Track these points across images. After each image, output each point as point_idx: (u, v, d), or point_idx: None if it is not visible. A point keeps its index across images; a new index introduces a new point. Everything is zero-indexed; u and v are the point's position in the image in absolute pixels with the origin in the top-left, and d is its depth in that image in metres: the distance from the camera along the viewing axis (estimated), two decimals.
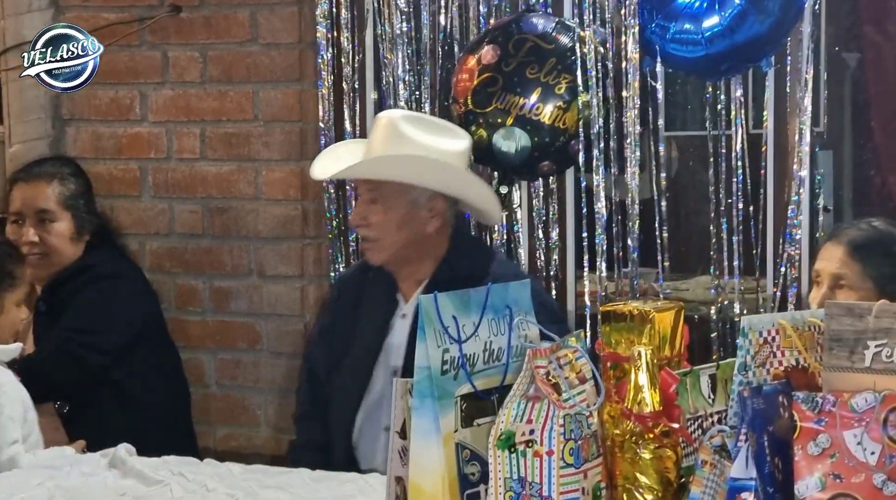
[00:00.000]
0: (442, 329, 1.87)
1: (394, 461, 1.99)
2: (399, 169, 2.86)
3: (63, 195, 3.30)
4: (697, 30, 3.10)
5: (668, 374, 1.87)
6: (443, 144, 2.90)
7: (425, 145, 2.87)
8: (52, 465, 2.68)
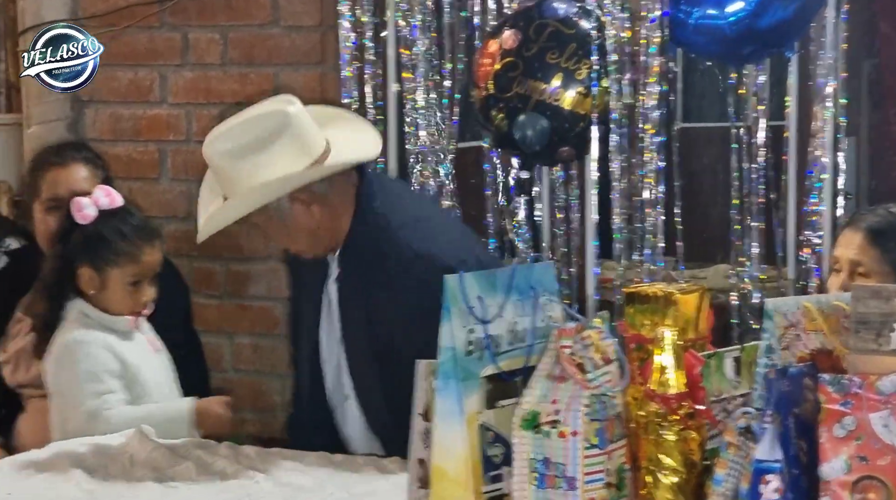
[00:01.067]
0: (467, 310, 1.86)
1: (416, 444, 1.99)
2: (234, 211, 2.72)
3: (100, 178, 3.29)
4: (721, 14, 3.09)
5: (693, 356, 1.86)
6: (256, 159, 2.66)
7: (238, 175, 2.67)
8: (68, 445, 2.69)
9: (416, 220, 2.78)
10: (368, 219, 2.74)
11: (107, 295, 2.85)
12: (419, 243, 2.69)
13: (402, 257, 2.68)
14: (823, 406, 1.63)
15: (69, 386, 2.77)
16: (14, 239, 3.53)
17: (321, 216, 2.73)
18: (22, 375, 3.27)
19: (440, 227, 2.82)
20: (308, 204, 2.71)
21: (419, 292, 2.58)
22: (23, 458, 2.63)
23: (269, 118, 2.67)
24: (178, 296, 3.34)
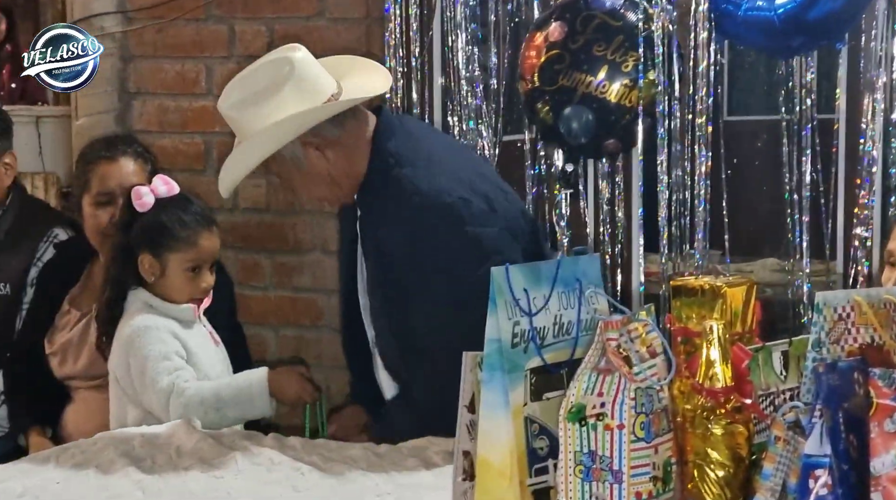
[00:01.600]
0: (513, 302, 1.86)
1: (461, 435, 1.99)
2: (236, 167, 2.75)
3: (148, 172, 3.31)
4: (770, 6, 3.07)
5: (741, 349, 1.85)
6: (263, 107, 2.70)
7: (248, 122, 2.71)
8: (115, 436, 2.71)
9: (425, 159, 2.75)
10: (381, 159, 2.74)
11: (167, 282, 2.88)
12: (421, 181, 2.68)
13: (403, 194, 2.68)
14: (874, 401, 1.61)
15: (141, 370, 2.79)
16: (62, 230, 3.56)
17: (336, 161, 2.74)
18: (70, 367, 3.30)
19: (449, 165, 2.77)
20: (321, 149, 2.73)
21: (414, 227, 2.63)
22: (71, 447, 2.65)
23: (274, 66, 2.70)
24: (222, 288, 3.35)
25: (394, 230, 2.68)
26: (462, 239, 2.62)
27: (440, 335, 2.62)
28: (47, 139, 5.19)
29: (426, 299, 2.66)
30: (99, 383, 3.18)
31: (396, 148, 2.74)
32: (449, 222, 2.63)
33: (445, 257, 2.63)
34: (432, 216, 2.63)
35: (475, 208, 2.65)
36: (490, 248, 2.63)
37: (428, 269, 2.64)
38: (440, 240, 2.63)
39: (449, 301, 2.62)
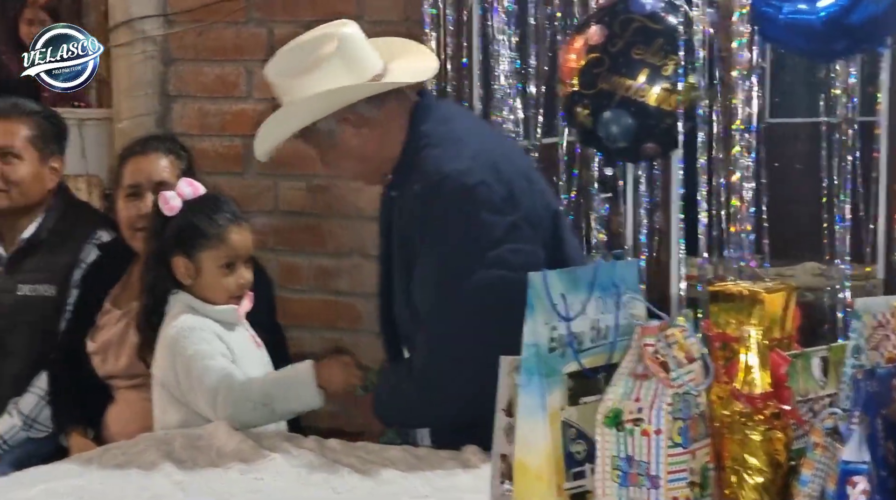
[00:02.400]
0: (550, 307, 1.86)
1: (499, 439, 2.00)
2: (273, 133, 2.78)
3: (180, 168, 3.34)
4: (812, 10, 3.04)
5: (779, 355, 1.84)
6: (308, 78, 2.72)
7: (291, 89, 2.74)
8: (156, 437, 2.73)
9: (454, 140, 2.75)
10: (414, 140, 2.75)
11: (203, 282, 2.89)
12: (445, 161, 2.68)
13: (426, 173, 2.68)
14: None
15: (187, 370, 2.81)
16: (105, 232, 3.59)
17: (370, 139, 2.76)
18: (111, 365, 3.33)
19: (477, 148, 2.74)
20: (358, 126, 2.75)
21: (431, 205, 2.64)
22: (114, 448, 2.67)
23: (323, 39, 2.74)
24: (262, 289, 3.37)
25: (414, 208, 2.69)
26: (475, 223, 2.62)
27: (440, 312, 2.64)
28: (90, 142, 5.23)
29: (431, 275, 2.67)
30: (140, 381, 3.21)
31: (428, 130, 2.75)
32: (465, 205, 2.63)
33: (453, 236, 2.63)
34: (450, 197, 2.63)
35: (495, 194, 2.64)
36: (500, 236, 2.62)
37: (437, 246, 2.65)
38: (453, 220, 2.63)
39: (451, 281, 2.62)
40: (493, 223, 2.62)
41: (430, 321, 2.67)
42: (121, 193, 3.34)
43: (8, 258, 3.61)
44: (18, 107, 3.59)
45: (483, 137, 2.89)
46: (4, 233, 3.64)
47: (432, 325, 2.67)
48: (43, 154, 3.59)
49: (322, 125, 2.75)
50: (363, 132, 2.75)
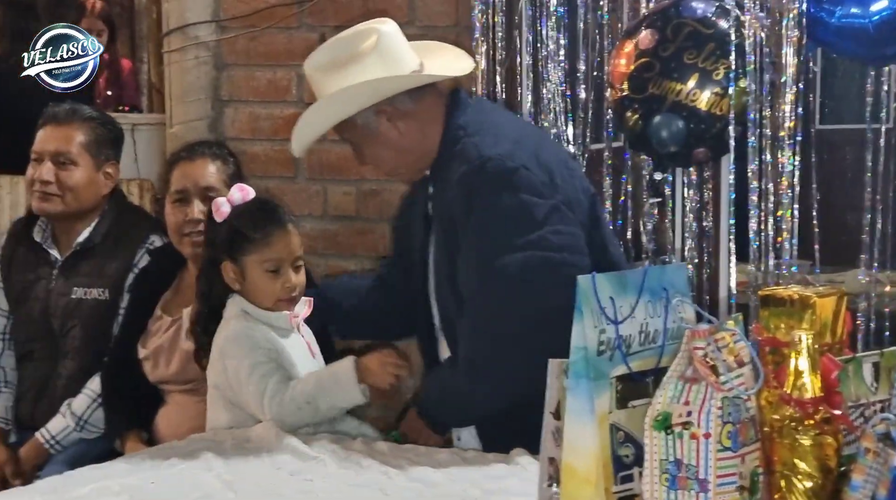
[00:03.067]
0: (599, 310, 1.86)
1: (547, 442, 2.00)
2: (311, 124, 2.83)
3: (227, 174, 3.36)
4: (864, 13, 3.03)
5: (830, 360, 1.83)
6: (345, 72, 2.78)
7: (328, 83, 2.79)
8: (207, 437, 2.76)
9: (492, 128, 2.81)
10: (452, 132, 2.80)
11: (250, 286, 2.90)
12: (486, 146, 2.73)
13: (468, 158, 2.73)
14: None
15: (236, 372, 2.83)
16: (158, 236, 3.62)
17: (406, 133, 2.81)
18: (162, 371, 3.36)
19: (515, 135, 2.81)
20: (395, 119, 2.80)
21: (473, 185, 2.68)
22: (165, 449, 2.70)
23: (362, 35, 2.79)
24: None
25: (457, 190, 2.72)
26: (516, 204, 2.66)
27: (483, 294, 2.67)
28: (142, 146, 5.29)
29: (474, 257, 2.70)
30: (192, 386, 3.24)
31: (466, 121, 2.81)
32: (506, 186, 2.68)
33: (495, 218, 2.67)
34: (493, 179, 2.68)
35: (535, 178, 2.69)
36: (541, 218, 2.67)
37: (480, 229, 2.68)
38: (493, 200, 2.67)
39: (494, 262, 2.65)
40: (535, 205, 2.68)
41: (474, 304, 2.70)
42: (168, 199, 3.37)
43: (63, 262, 3.65)
44: (76, 112, 3.62)
45: (520, 126, 2.99)
46: (59, 237, 3.68)
47: (476, 308, 2.70)
48: (98, 160, 3.63)
49: (359, 118, 2.80)
50: (400, 125, 2.81)
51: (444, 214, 2.79)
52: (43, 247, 3.68)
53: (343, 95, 2.76)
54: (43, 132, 3.63)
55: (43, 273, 3.66)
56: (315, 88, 2.85)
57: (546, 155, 2.79)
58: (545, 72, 3.65)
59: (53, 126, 3.61)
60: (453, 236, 2.75)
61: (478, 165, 2.69)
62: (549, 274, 2.63)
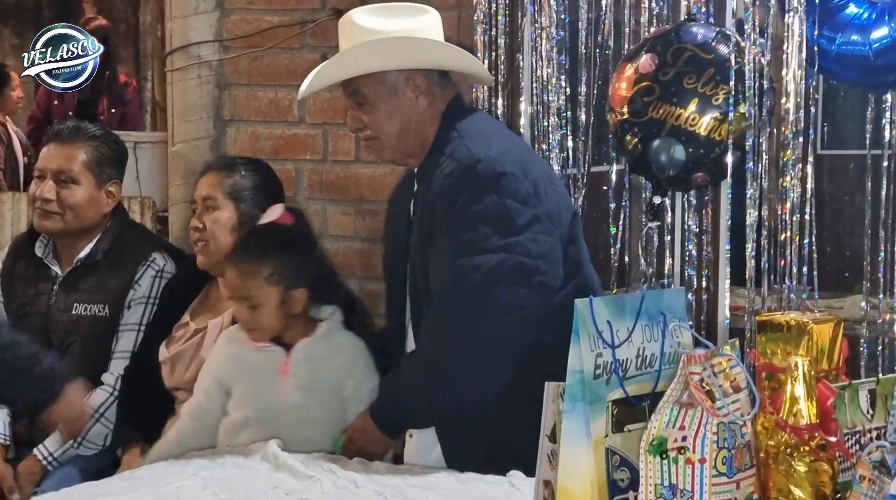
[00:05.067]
0: (596, 334, 1.87)
1: (543, 465, 2.00)
2: (355, 62, 2.83)
3: (231, 187, 3.38)
4: (865, 41, 3.04)
5: (826, 386, 1.84)
6: (401, 24, 2.85)
7: (382, 30, 2.83)
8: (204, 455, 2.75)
9: (485, 135, 2.85)
10: (446, 132, 2.83)
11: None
12: (477, 149, 2.76)
13: (458, 157, 2.75)
14: None
15: None
16: (159, 254, 3.62)
17: (422, 112, 2.85)
18: (178, 376, 3.35)
19: (506, 145, 2.85)
20: (418, 93, 2.84)
21: (460, 184, 2.70)
22: (162, 466, 2.70)
23: (418, 8, 2.89)
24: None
25: (441, 185, 2.74)
26: (499, 207, 2.69)
27: (453, 289, 2.67)
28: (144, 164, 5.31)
29: (449, 252, 2.70)
30: None
31: (462, 125, 2.84)
32: (492, 188, 2.70)
33: (476, 217, 2.68)
34: (480, 179, 2.70)
35: (520, 185, 2.72)
36: (522, 225, 2.70)
37: (460, 225, 2.69)
38: (478, 200, 2.69)
39: (469, 260, 2.66)
40: (517, 211, 2.70)
41: (441, 299, 2.70)
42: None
43: (63, 277, 3.65)
44: (80, 131, 3.63)
45: (510, 137, 3.03)
46: (61, 252, 3.69)
47: (443, 303, 2.70)
48: (100, 179, 3.63)
49: (392, 76, 2.82)
50: (421, 102, 2.84)
51: (425, 210, 2.79)
52: (44, 262, 3.68)
53: (403, 43, 2.79)
54: (46, 150, 3.64)
55: (43, 288, 3.67)
56: (354, 36, 2.84)
57: (532, 167, 2.82)
58: (546, 94, 3.66)
59: (57, 144, 3.61)
60: (431, 231, 2.76)
61: (467, 165, 2.72)
62: (522, 279, 2.66)
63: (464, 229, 2.68)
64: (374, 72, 2.82)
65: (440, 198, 2.74)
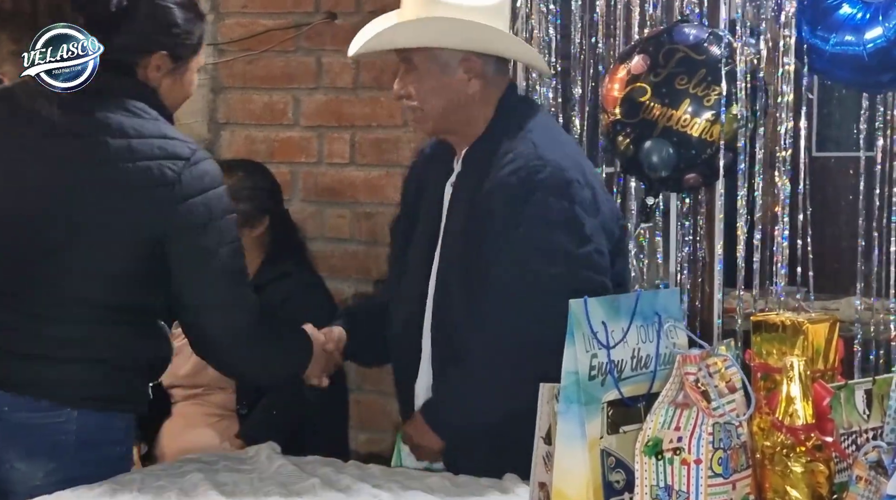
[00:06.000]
0: (591, 334, 1.86)
1: (538, 467, 1.99)
2: (416, 34, 2.76)
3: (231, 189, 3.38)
4: (859, 41, 3.03)
5: (822, 387, 1.83)
6: (470, 1, 2.76)
7: (451, 4, 2.75)
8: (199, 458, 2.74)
9: (550, 133, 2.79)
10: (505, 121, 2.76)
11: None
12: (543, 149, 2.68)
13: (523, 155, 2.67)
14: None
15: None
16: None
17: (472, 94, 2.76)
18: (174, 372, 3.33)
19: (570, 148, 2.82)
20: (472, 75, 2.76)
21: (528, 187, 2.62)
22: (157, 470, 2.69)
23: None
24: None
25: (505, 182, 2.66)
26: (570, 215, 2.61)
27: (517, 298, 2.59)
28: None
29: (515, 255, 2.61)
30: (199, 392, 3.24)
31: (528, 121, 2.77)
32: (562, 194, 2.62)
33: (548, 223, 2.61)
34: (551, 184, 2.62)
35: (585, 194, 2.65)
36: (589, 234, 2.63)
37: (529, 227, 2.61)
38: (549, 205, 2.61)
39: (540, 266, 2.58)
40: (584, 221, 2.63)
41: (504, 305, 2.60)
42: None
43: None
44: None
45: (569, 139, 2.98)
46: None
47: (507, 310, 2.60)
48: None
49: (446, 54, 2.75)
50: (473, 84, 2.76)
51: (477, 201, 2.71)
52: None
53: (465, 26, 2.71)
54: None
55: None
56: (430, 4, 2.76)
57: (590, 173, 2.77)
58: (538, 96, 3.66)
59: None
60: (483, 225, 2.67)
61: (537, 166, 2.64)
62: (588, 293, 2.55)
63: (534, 234, 2.60)
64: (425, 46, 2.76)
65: (501, 194, 2.65)
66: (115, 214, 2.55)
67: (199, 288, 2.60)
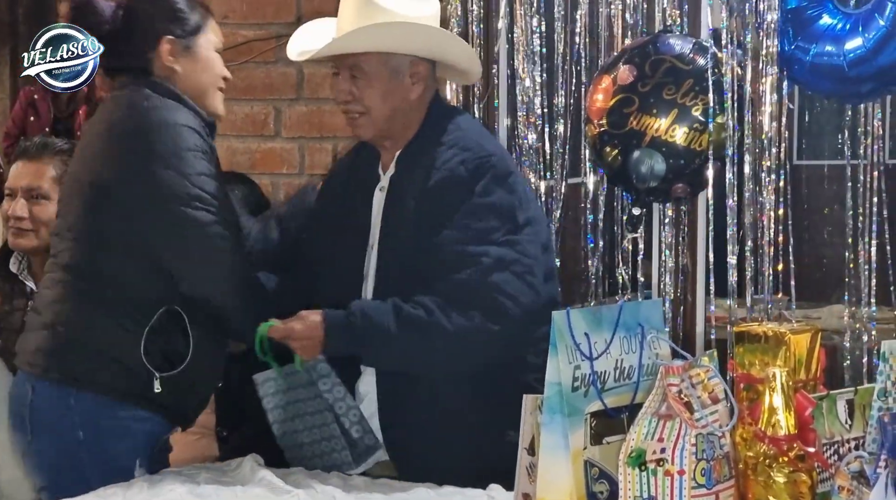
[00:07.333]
0: (574, 346, 1.86)
1: (521, 478, 1.99)
2: (376, 39, 2.81)
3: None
4: (839, 52, 3.05)
5: (804, 397, 1.84)
6: (413, 9, 2.84)
7: (396, 12, 2.82)
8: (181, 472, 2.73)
9: (484, 132, 2.96)
10: (437, 122, 2.85)
11: None
12: (486, 143, 2.84)
13: (467, 149, 2.78)
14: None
15: None
16: None
17: (413, 100, 2.84)
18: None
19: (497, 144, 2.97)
20: (416, 80, 2.84)
21: (478, 177, 2.73)
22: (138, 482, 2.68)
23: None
24: None
25: (454, 173, 2.75)
26: (509, 203, 2.74)
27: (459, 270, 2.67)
28: None
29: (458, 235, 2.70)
30: None
31: (459, 119, 2.89)
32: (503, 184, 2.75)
33: (489, 209, 2.72)
34: (495, 172, 2.75)
35: (520, 186, 2.82)
36: (522, 223, 2.75)
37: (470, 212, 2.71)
38: (492, 194, 2.73)
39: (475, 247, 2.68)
40: (520, 211, 2.76)
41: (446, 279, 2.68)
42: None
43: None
44: (47, 147, 3.61)
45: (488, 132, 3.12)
46: (36, 269, 3.66)
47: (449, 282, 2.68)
48: None
49: (397, 59, 2.82)
50: (416, 89, 2.84)
51: (423, 196, 2.77)
52: (19, 278, 3.66)
53: (421, 31, 2.80)
54: (15, 167, 3.62)
55: (19, 305, 3.64)
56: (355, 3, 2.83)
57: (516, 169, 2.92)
58: (522, 106, 3.66)
59: (25, 161, 3.60)
60: (432, 217, 2.74)
61: (483, 156, 2.76)
62: (519, 274, 2.69)
63: (476, 219, 2.71)
64: (384, 51, 2.81)
65: (451, 185, 2.74)
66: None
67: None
